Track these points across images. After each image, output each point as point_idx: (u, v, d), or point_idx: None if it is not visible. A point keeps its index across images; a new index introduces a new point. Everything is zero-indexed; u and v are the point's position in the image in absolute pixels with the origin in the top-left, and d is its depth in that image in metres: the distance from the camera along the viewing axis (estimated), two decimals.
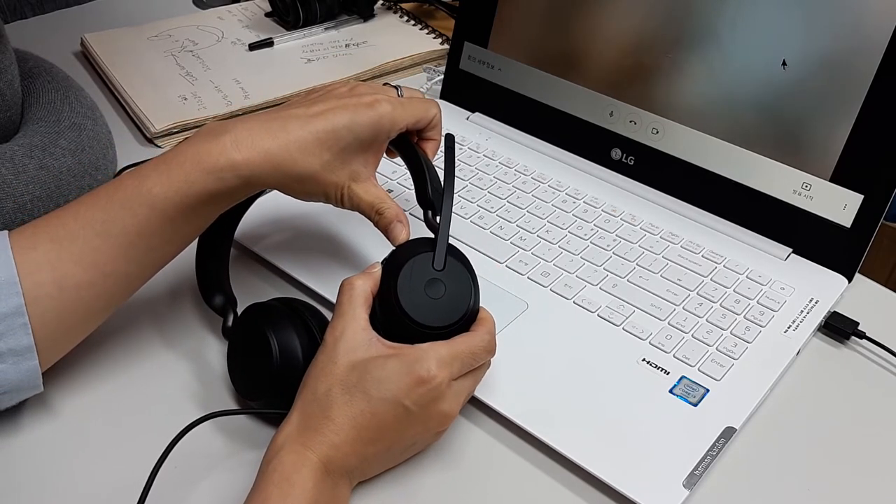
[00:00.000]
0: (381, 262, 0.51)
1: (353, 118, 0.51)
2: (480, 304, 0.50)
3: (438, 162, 0.54)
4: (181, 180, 0.47)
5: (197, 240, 0.56)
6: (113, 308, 0.51)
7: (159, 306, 0.60)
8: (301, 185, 0.51)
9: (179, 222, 0.49)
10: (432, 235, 0.51)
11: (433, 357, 0.45)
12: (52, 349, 0.49)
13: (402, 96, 0.55)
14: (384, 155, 0.55)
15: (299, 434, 0.44)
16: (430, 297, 0.48)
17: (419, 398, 0.45)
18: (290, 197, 0.53)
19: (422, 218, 0.53)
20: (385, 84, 0.57)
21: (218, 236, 0.57)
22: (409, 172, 0.56)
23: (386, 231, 0.53)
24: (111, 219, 0.48)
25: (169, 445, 0.46)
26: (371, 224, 0.54)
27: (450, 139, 0.55)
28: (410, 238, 0.53)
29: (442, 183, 0.52)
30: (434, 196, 0.53)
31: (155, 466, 0.45)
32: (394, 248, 0.52)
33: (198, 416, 0.47)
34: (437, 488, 0.49)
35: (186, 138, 0.50)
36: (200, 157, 0.48)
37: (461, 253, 0.51)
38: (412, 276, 0.48)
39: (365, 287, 0.48)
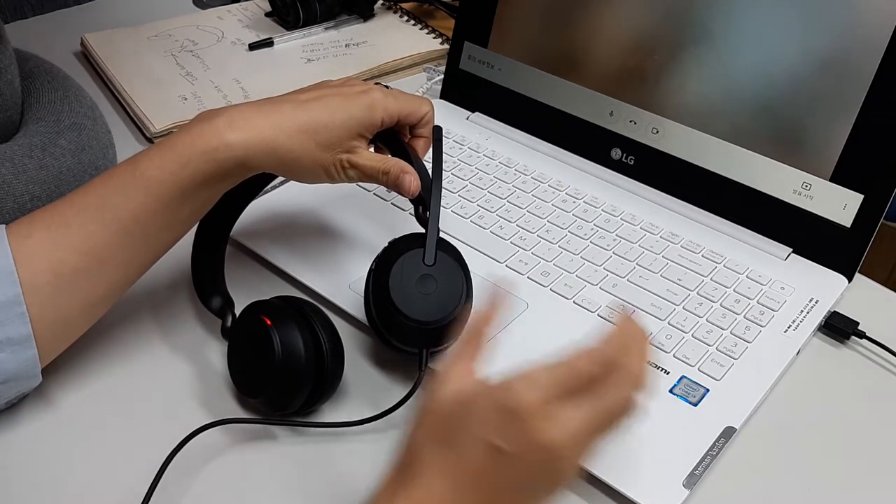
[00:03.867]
0: (375, 259, 0.51)
1: (346, 102, 0.51)
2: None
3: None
4: (175, 162, 0.47)
5: (192, 243, 0.56)
6: (112, 299, 0.51)
7: (159, 304, 0.60)
8: (297, 166, 0.51)
9: (174, 206, 0.49)
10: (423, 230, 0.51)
11: (523, 383, 0.37)
12: (52, 340, 0.49)
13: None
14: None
15: (389, 489, 0.39)
16: (421, 292, 0.49)
17: (511, 433, 0.37)
18: (287, 198, 0.53)
19: (412, 212, 0.53)
20: (377, 83, 0.57)
21: (213, 239, 0.57)
22: None
23: (397, 186, 0.52)
24: (106, 204, 0.48)
25: (175, 449, 0.46)
26: (368, 220, 0.54)
27: (437, 131, 0.55)
28: (404, 234, 0.53)
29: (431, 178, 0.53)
30: (424, 191, 0.53)
31: (160, 469, 0.45)
32: (388, 243, 0.52)
33: (196, 413, 0.47)
34: None
35: (181, 125, 0.50)
36: (194, 138, 0.48)
37: (453, 247, 0.51)
38: (403, 273, 0.49)
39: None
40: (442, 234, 0.52)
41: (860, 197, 0.60)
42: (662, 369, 0.54)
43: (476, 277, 0.52)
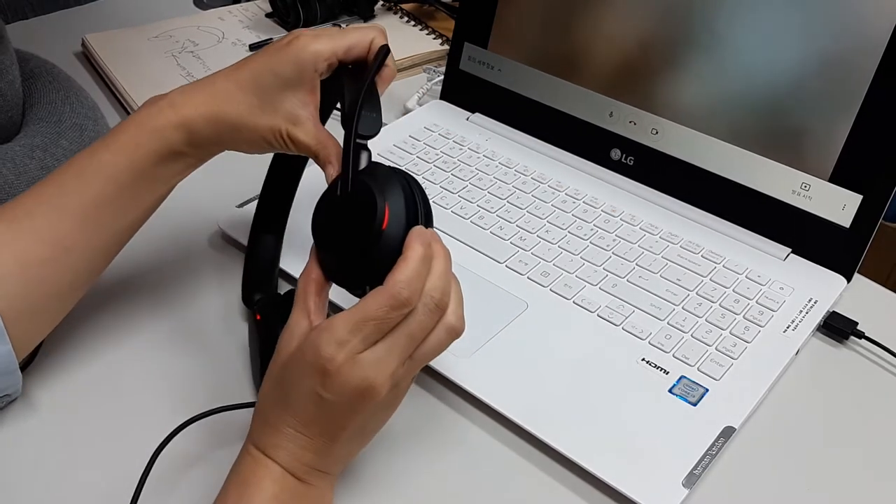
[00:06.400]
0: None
1: (269, 59, 0.51)
2: (429, 226, 0.44)
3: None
4: (128, 144, 0.49)
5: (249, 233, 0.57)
6: (82, 287, 0.52)
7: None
8: (239, 134, 0.51)
9: (133, 189, 0.50)
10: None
11: (328, 340, 0.41)
12: (24, 332, 0.49)
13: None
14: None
15: (256, 433, 0.44)
16: (336, 224, 0.44)
17: (332, 387, 0.41)
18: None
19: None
20: (334, 25, 0.55)
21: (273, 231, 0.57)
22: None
23: (324, 171, 0.51)
24: (66, 192, 0.49)
25: (160, 445, 0.45)
26: None
27: (382, 49, 0.52)
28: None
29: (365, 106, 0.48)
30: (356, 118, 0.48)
31: (147, 465, 0.45)
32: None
33: (182, 413, 0.47)
34: (435, 488, 0.49)
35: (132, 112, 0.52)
36: (141, 120, 0.50)
37: (393, 172, 0.45)
38: (325, 210, 0.45)
39: (308, 276, 0.45)
40: (442, 234, 0.52)
41: (859, 197, 0.61)
42: (662, 369, 0.54)
43: (476, 277, 0.52)
